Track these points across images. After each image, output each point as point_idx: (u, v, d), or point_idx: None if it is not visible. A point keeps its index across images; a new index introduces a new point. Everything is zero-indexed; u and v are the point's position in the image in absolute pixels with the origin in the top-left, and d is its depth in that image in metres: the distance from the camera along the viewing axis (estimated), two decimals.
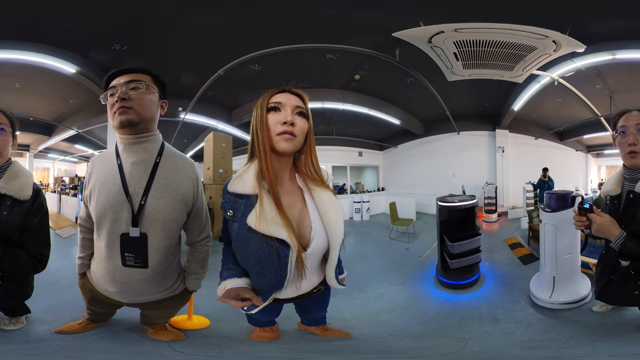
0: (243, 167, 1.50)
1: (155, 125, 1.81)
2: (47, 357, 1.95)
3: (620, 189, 2.02)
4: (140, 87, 1.67)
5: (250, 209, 1.39)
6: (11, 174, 1.91)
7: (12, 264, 1.84)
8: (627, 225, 1.84)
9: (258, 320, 2.16)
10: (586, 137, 7.13)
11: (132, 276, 1.75)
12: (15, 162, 1.99)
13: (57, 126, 6.32)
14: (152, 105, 1.73)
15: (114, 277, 1.77)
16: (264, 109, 1.44)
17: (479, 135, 7.02)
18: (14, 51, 4.28)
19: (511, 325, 2.74)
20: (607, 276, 2.10)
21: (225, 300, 1.43)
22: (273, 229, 1.36)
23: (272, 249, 1.37)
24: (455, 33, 3.74)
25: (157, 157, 1.74)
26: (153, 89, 1.74)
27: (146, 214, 1.67)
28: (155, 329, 2.21)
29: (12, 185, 1.87)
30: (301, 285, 1.55)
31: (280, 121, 1.41)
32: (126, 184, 1.68)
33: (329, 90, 6.10)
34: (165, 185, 1.71)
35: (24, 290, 2.10)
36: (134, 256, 1.70)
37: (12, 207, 1.84)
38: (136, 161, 1.70)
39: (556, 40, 3.80)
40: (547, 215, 3.14)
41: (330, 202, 1.52)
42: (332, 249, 1.53)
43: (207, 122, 6.51)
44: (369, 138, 8.22)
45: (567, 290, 3.00)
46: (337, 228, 1.50)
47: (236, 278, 1.50)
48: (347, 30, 4.38)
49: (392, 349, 2.39)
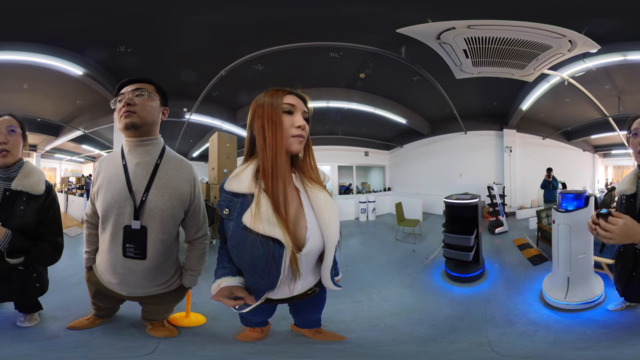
0: (240, 167, 1.50)
1: (157, 129, 2.02)
2: (67, 352, 2.05)
3: (635, 187, 2.07)
4: (143, 94, 1.90)
5: (246, 208, 1.39)
6: (25, 172, 2.09)
7: (38, 254, 2.04)
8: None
9: (250, 320, 2.17)
10: (594, 137, 7.08)
11: (132, 267, 1.91)
12: (27, 162, 2.17)
13: (64, 127, 6.40)
14: (153, 111, 1.95)
15: (115, 268, 1.94)
16: (278, 109, 1.42)
17: (487, 135, 6.98)
18: (22, 53, 4.36)
19: (530, 328, 2.71)
20: (629, 274, 2.12)
21: (218, 299, 1.44)
22: (268, 228, 1.35)
23: (266, 249, 1.37)
24: (467, 29, 3.70)
25: (158, 159, 1.95)
26: (155, 97, 1.96)
27: (146, 209, 1.86)
28: (154, 325, 2.32)
29: (27, 182, 2.06)
30: (295, 286, 1.55)
31: (294, 124, 1.44)
32: (130, 182, 1.87)
33: (334, 89, 6.09)
34: (164, 184, 1.91)
35: (44, 283, 2.23)
36: (134, 247, 1.88)
37: (28, 202, 2.03)
38: (139, 162, 1.91)
39: (572, 39, 3.76)
40: (561, 216, 3.11)
41: (327, 202, 1.52)
42: (327, 249, 1.51)
43: (212, 122, 6.54)
44: (375, 138, 8.19)
45: (582, 291, 2.98)
46: (332, 229, 1.49)
47: (230, 277, 1.51)
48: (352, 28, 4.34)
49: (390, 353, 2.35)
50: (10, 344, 2.09)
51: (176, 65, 5.06)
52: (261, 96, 1.48)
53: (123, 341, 2.20)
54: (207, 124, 6.58)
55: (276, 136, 1.40)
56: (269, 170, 1.39)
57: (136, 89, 1.88)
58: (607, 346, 2.28)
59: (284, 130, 1.42)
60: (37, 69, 4.56)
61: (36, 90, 5.28)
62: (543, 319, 2.83)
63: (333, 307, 2.00)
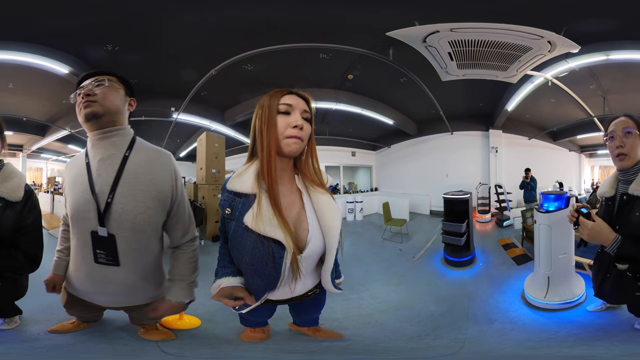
0: (243, 167, 1.49)
1: (124, 119, 1.80)
2: (42, 355, 1.95)
3: (615, 190, 2.09)
4: (103, 83, 1.71)
5: (248, 208, 1.39)
6: (3, 175, 1.91)
7: (8, 263, 1.86)
8: (620, 227, 1.87)
9: (250, 321, 2.16)
10: (579, 137, 7.15)
11: (108, 275, 1.72)
12: (8, 164, 1.99)
13: (50, 126, 6.29)
14: (116, 99, 1.74)
15: (90, 276, 1.76)
16: (274, 109, 1.42)
17: (473, 136, 7.03)
18: (6, 52, 4.26)
19: (507, 326, 2.75)
20: (603, 274, 2.15)
21: (219, 299, 1.43)
22: (269, 229, 1.35)
23: (267, 249, 1.37)
24: (451, 33, 3.74)
25: (127, 151, 1.70)
26: (118, 86, 1.77)
27: (114, 213, 1.63)
28: (146, 328, 2.19)
29: (4, 187, 1.87)
30: (295, 288, 1.55)
31: (290, 124, 1.41)
32: (92, 182, 1.66)
33: (322, 90, 6.09)
34: (136, 180, 1.66)
35: (19, 289, 2.10)
36: (105, 254, 1.67)
37: (4, 208, 1.84)
38: (103, 157, 1.69)
39: (551, 40, 3.81)
40: (542, 216, 3.15)
41: (329, 205, 1.51)
42: (328, 252, 1.52)
43: (200, 122, 6.48)
44: (362, 138, 8.20)
45: (562, 290, 3.02)
46: (334, 231, 1.49)
47: (231, 277, 1.50)
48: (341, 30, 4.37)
49: (384, 349, 2.39)
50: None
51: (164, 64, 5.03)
52: (264, 97, 1.47)
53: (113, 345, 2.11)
54: (195, 124, 6.54)
55: (269, 137, 1.40)
56: (265, 171, 1.40)
57: (95, 80, 1.71)
58: (568, 346, 2.32)
59: (277, 131, 1.41)
60: (22, 68, 4.46)
61: (21, 90, 5.18)
62: (521, 318, 2.87)
63: (325, 305, 2.03)
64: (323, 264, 1.57)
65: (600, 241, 1.83)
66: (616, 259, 1.97)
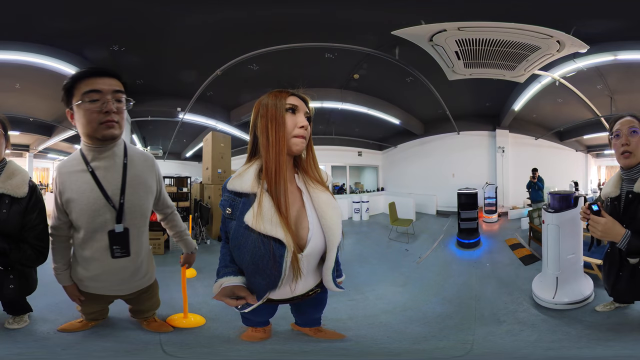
0: (243, 167, 1.49)
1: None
2: (56, 355, 2.00)
3: (619, 190, 2.11)
4: (122, 99, 1.77)
5: (248, 208, 1.38)
6: (7, 173, 1.98)
7: (19, 256, 1.93)
8: (628, 225, 1.86)
9: (252, 320, 2.17)
10: (586, 137, 7.14)
11: (119, 265, 1.93)
12: (11, 162, 2.06)
13: (57, 126, 6.35)
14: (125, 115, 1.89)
15: (106, 273, 1.95)
16: (282, 109, 1.43)
17: (479, 135, 7.03)
18: (13, 52, 4.29)
19: (516, 327, 2.72)
20: (615, 273, 2.16)
21: (220, 298, 1.43)
22: (270, 228, 1.35)
23: (268, 248, 1.36)
24: (458, 31, 3.71)
25: (125, 159, 1.91)
26: (129, 100, 1.84)
27: (126, 210, 1.88)
28: (148, 321, 2.37)
29: (9, 184, 1.94)
30: (296, 287, 1.54)
31: (298, 124, 1.43)
32: (104, 189, 1.83)
33: (328, 90, 6.09)
34: (137, 182, 1.92)
35: (29, 283, 2.15)
36: (120, 247, 1.90)
37: (10, 205, 1.91)
38: (108, 166, 1.86)
39: (560, 40, 3.78)
40: (550, 216, 3.11)
41: (329, 203, 1.51)
42: (329, 250, 1.51)
43: (206, 122, 6.51)
44: (368, 138, 8.22)
45: (571, 291, 2.99)
46: (334, 230, 1.49)
47: (232, 276, 1.50)
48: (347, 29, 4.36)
49: (387, 351, 2.37)
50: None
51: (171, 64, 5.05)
52: (265, 97, 1.47)
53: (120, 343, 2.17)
54: (201, 124, 6.57)
55: (279, 135, 1.40)
56: (272, 169, 1.39)
57: (116, 91, 1.74)
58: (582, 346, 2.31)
59: (286, 129, 1.42)
60: (29, 68, 4.50)
61: (28, 90, 5.22)
62: (530, 319, 2.83)
63: (329, 306, 2.02)
64: (324, 263, 1.56)
65: (612, 237, 1.83)
66: (628, 254, 2.01)
